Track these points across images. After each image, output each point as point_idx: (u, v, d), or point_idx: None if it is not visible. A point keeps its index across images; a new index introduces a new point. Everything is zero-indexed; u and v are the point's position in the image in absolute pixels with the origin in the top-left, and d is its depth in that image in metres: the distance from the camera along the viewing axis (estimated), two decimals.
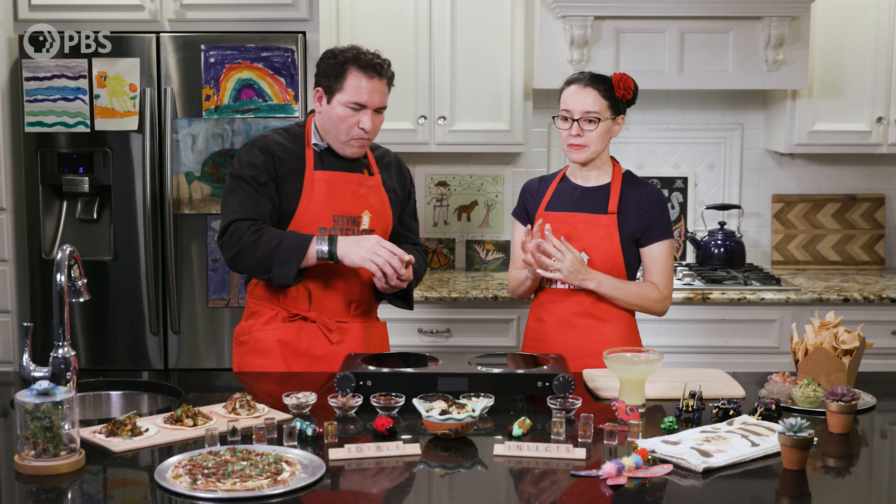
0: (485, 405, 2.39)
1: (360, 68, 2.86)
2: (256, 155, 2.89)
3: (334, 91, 2.88)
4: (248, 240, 2.80)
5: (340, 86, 2.87)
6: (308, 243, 2.79)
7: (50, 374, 2.30)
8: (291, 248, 2.78)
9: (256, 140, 2.94)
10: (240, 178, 2.88)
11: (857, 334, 2.62)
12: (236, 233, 2.82)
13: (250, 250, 2.80)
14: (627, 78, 2.97)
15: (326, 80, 2.89)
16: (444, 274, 4.53)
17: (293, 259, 2.78)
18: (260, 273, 2.84)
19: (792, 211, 4.67)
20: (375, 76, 2.88)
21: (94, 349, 4.07)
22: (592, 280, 2.93)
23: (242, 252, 2.81)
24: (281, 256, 2.78)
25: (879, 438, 2.45)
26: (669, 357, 3.30)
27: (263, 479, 1.98)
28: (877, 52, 4.27)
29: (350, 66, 2.87)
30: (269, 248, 2.79)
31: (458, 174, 4.64)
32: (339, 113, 2.88)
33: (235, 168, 2.90)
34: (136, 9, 4.06)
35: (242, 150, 2.93)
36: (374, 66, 2.88)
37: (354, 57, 2.88)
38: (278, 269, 2.79)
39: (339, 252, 2.78)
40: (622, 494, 2.00)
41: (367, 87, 2.87)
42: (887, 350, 4.04)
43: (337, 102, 2.87)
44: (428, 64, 4.23)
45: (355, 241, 2.79)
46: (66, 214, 4.09)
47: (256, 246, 2.79)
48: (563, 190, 3.08)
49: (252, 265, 2.83)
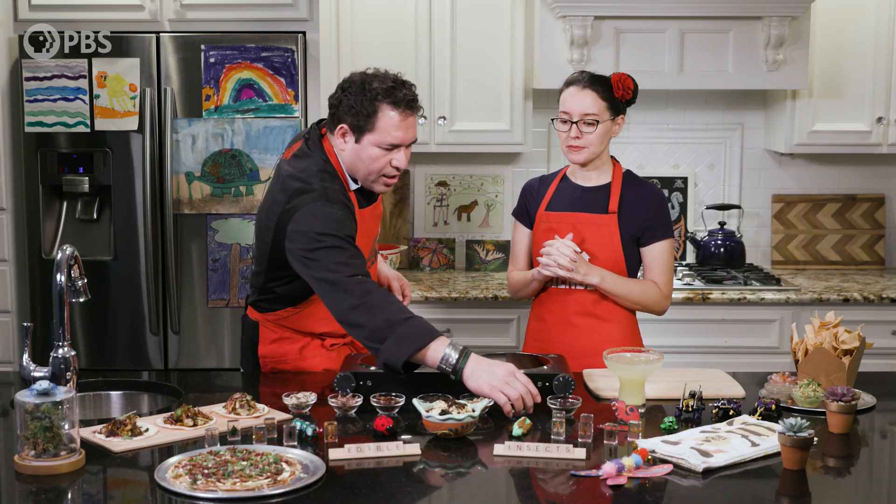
0: (485, 405, 2.39)
1: (394, 105, 2.63)
2: (339, 214, 2.61)
3: (364, 131, 2.64)
4: (377, 299, 2.50)
5: (372, 126, 2.63)
6: (434, 336, 2.47)
7: (50, 374, 2.31)
8: (418, 331, 2.47)
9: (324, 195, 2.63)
10: (335, 236, 2.57)
11: (857, 334, 2.62)
12: (364, 285, 2.52)
13: (375, 310, 2.49)
14: (626, 78, 2.96)
15: (354, 118, 2.64)
16: (444, 274, 4.53)
17: (414, 342, 2.45)
18: (370, 337, 2.50)
19: (792, 211, 4.67)
20: (410, 113, 2.66)
21: (94, 349, 4.07)
22: (596, 274, 2.93)
23: (367, 307, 2.49)
24: (403, 333, 2.46)
25: (879, 438, 2.46)
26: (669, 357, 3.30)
27: (263, 479, 1.98)
28: (877, 52, 4.27)
29: (381, 102, 2.62)
30: (395, 318, 2.48)
31: (458, 174, 4.64)
32: (371, 154, 2.66)
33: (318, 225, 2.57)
34: (136, 9, 4.06)
35: (317, 206, 2.61)
36: (409, 104, 2.65)
37: (386, 92, 2.62)
38: (392, 344, 2.46)
39: (467, 371, 2.44)
40: (622, 494, 2.00)
41: (401, 125, 2.64)
42: (887, 350, 4.04)
43: (368, 143, 2.65)
44: (428, 64, 4.23)
45: (487, 366, 2.45)
46: (66, 214, 4.09)
47: (383, 309, 2.49)
48: (563, 190, 3.08)
49: (369, 325, 2.49)
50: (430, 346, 2.46)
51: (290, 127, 3.95)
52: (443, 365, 2.46)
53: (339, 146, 2.72)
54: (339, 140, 2.70)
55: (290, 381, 2.74)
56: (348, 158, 2.71)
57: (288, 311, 2.84)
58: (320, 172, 2.69)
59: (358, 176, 2.74)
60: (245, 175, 3.99)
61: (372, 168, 2.69)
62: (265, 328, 2.89)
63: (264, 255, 2.78)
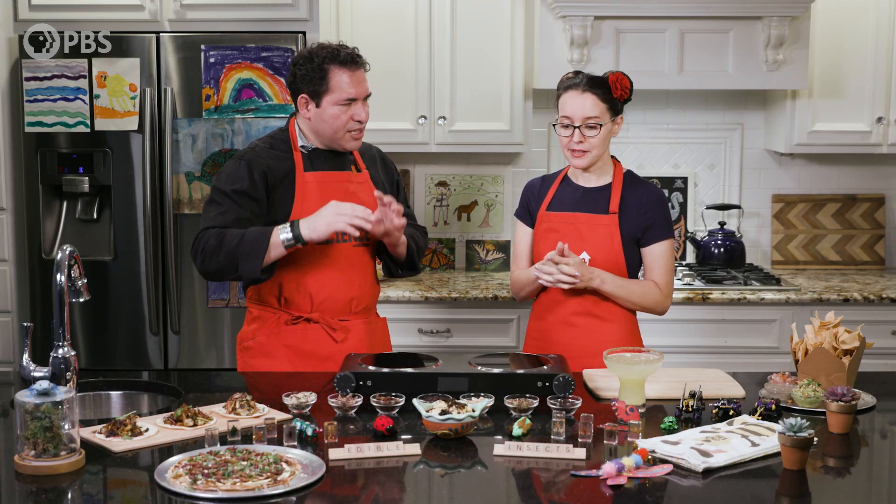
0: (485, 405, 2.39)
1: (341, 65, 2.88)
2: (242, 167, 2.90)
3: (321, 94, 2.89)
4: (210, 244, 2.81)
5: (326, 87, 2.88)
6: (270, 233, 2.79)
7: (50, 374, 2.31)
8: (253, 241, 2.78)
9: (244, 153, 2.95)
10: (220, 191, 2.89)
11: (857, 334, 2.62)
12: (202, 239, 2.84)
13: (215, 252, 2.80)
14: (623, 77, 2.96)
15: (310, 86, 2.90)
16: (444, 274, 4.53)
17: (257, 251, 2.77)
18: (228, 273, 2.83)
19: (792, 211, 4.67)
20: (356, 68, 2.91)
21: (94, 349, 4.07)
22: (597, 278, 2.93)
23: (207, 256, 2.82)
24: (244, 251, 2.78)
25: (879, 438, 2.46)
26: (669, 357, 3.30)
27: (263, 479, 1.98)
28: (877, 52, 4.27)
29: (329, 65, 2.88)
30: (231, 245, 2.79)
31: (458, 174, 4.64)
32: (332, 113, 2.90)
33: (220, 181, 2.91)
34: (136, 9, 4.06)
35: (229, 164, 2.94)
36: (353, 59, 2.90)
37: (331, 55, 2.89)
38: (244, 264, 2.79)
39: (305, 232, 2.78)
40: (622, 494, 2.00)
41: (352, 80, 2.89)
42: (887, 350, 4.04)
43: (327, 104, 2.89)
44: (428, 64, 4.23)
45: (315, 216, 2.78)
46: (66, 214, 4.09)
47: (220, 247, 2.80)
48: (564, 190, 3.08)
49: (219, 267, 2.82)
50: (271, 242, 2.78)
51: None
52: (287, 245, 2.78)
53: (304, 116, 2.95)
54: (304, 110, 2.94)
55: (290, 381, 2.74)
56: (313, 125, 2.94)
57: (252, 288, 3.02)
58: (268, 138, 3.01)
59: (325, 138, 2.95)
60: None
61: (336, 126, 2.91)
62: (248, 311, 3.06)
63: None
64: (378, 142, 4.30)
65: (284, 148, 2.97)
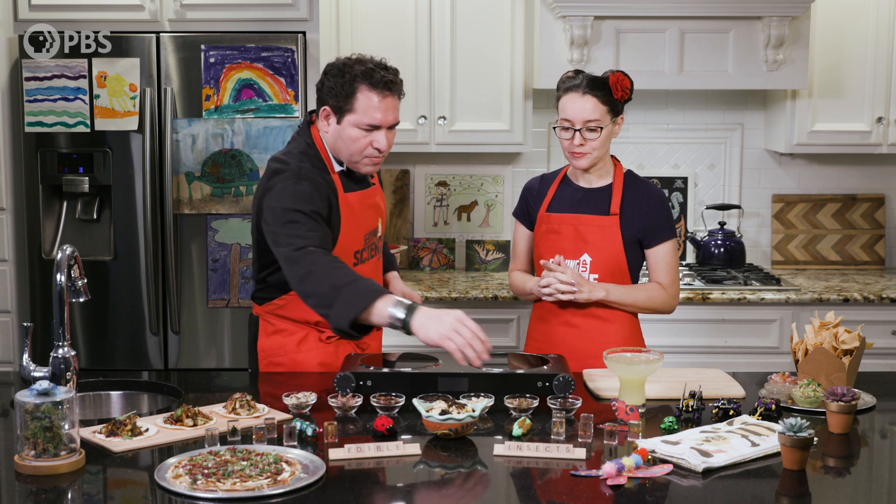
0: (485, 405, 2.39)
1: (372, 86, 2.68)
2: (308, 188, 2.68)
3: (344, 111, 2.70)
4: (325, 264, 2.56)
5: (351, 106, 2.69)
6: (379, 295, 2.50)
7: (50, 374, 2.31)
8: (360, 293, 2.51)
9: (298, 171, 2.71)
10: (299, 211, 2.64)
11: (857, 334, 2.62)
12: (313, 254, 2.58)
13: (322, 276, 2.54)
14: (623, 78, 2.95)
15: (335, 100, 2.71)
16: (444, 274, 4.53)
17: (356, 305, 2.49)
18: (319, 304, 2.56)
19: (792, 211, 4.67)
20: (388, 94, 2.71)
21: (94, 349, 4.07)
22: (600, 290, 2.93)
23: (313, 274, 2.55)
24: (347, 296, 2.50)
25: (879, 438, 2.46)
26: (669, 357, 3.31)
27: (263, 479, 1.98)
28: (877, 53, 4.27)
29: (360, 83, 2.68)
30: (341, 281, 2.52)
31: (458, 174, 4.64)
32: (351, 134, 2.71)
33: (292, 201, 2.65)
34: (136, 9, 4.06)
35: (288, 183, 2.67)
36: (386, 84, 2.70)
37: (364, 73, 2.68)
38: (339, 308, 2.50)
39: (415, 325, 2.46)
40: (622, 494, 2.00)
41: (379, 106, 2.69)
42: (887, 350, 4.04)
43: (348, 123, 2.71)
44: (428, 64, 4.23)
45: (436, 316, 2.47)
46: (66, 214, 4.09)
47: (330, 274, 2.54)
48: (564, 191, 3.08)
49: (317, 292, 2.55)
50: (376, 305, 2.49)
51: (289, 127, 3.95)
52: (392, 322, 2.49)
53: (322, 128, 2.79)
54: (323, 122, 2.77)
55: (290, 381, 2.74)
56: (331, 140, 2.78)
57: (282, 299, 2.86)
58: (301, 154, 2.77)
59: (342, 157, 2.80)
60: (245, 175, 3.99)
61: (353, 149, 2.74)
62: (264, 321, 2.91)
63: (254, 242, 2.86)
64: None
65: (322, 167, 2.77)
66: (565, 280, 2.91)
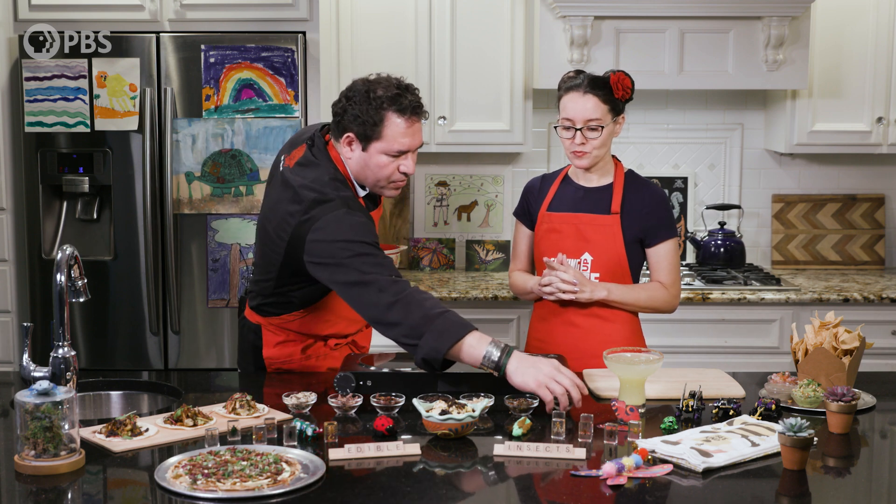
0: (485, 405, 2.39)
1: (400, 113, 2.60)
2: (361, 218, 2.60)
3: (371, 139, 2.61)
4: (413, 296, 2.50)
5: (379, 134, 2.60)
6: (470, 329, 2.48)
7: (50, 374, 2.30)
8: (451, 325, 2.47)
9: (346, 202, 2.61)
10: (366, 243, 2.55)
11: (857, 334, 2.62)
12: (399, 284, 2.52)
13: (411, 307, 2.48)
14: (624, 77, 2.95)
15: (360, 127, 2.61)
16: (444, 274, 4.53)
17: (450, 334, 2.45)
18: (408, 335, 2.49)
19: (792, 211, 4.67)
20: (417, 119, 2.64)
21: (94, 349, 4.07)
22: (602, 290, 2.93)
23: (403, 304, 2.49)
24: (437, 327, 2.46)
25: (879, 438, 2.45)
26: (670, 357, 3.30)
27: (263, 479, 1.98)
28: (877, 53, 4.27)
29: (388, 111, 2.59)
30: (431, 312, 2.48)
31: (458, 174, 4.64)
32: (379, 161, 2.64)
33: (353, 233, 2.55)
34: (136, 9, 4.06)
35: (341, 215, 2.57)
36: (415, 109, 2.62)
37: (391, 100, 2.59)
38: (430, 339, 2.45)
39: (510, 368, 2.44)
40: (622, 494, 2.00)
41: (408, 132, 2.62)
42: (887, 350, 4.04)
43: (375, 151, 2.62)
44: (428, 64, 4.23)
45: (532, 363, 2.44)
46: (66, 214, 4.09)
47: (420, 305, 2.48)
48: (565, 190, 3.08)
49: (405, 321, 2.48)
50: (467, 340, 2.46)
51: (290, 127, 3.95)
52: (485, 363, 2.46)
53: (345, 154, 2.68)
54: (346, 149, 2.67)
55: (291, 381, 2.74)
56: (356, 166, 2.68)
57: (295, 314, 2.82)
58: (333, 181, 2.65)
59: (367, 183, 2.72)
60: (245, 175, 3.99)
61: (380, 175, 2.67)
62: (268, 331, 2.88)
63: (274, 265, 2.72)
64: None
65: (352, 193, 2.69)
66: (567, 279, 2.91)
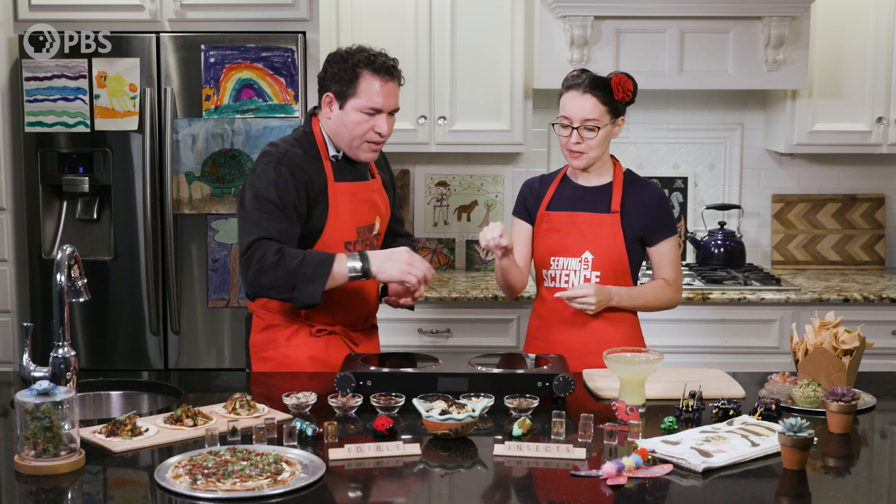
0: (485, 405, 2.39)
1: (374, 71, 2.78)
2: (285, 175, 2.75)
3: (347, 96, 2.79)
4: (270, 258, 2.66)
5: (354, 91, 2.78)
6: (332, 261, 2.68)
7: (50, 374, 2.31)
8: (316, 265, 2.66)
9: (281, 157, 2.79)
10: (266, 199, 2.73)
11: (857, 334, 2.62)
12: (259, 251, 2.67)
13: (273, 268, 2.66)
14: (626, 80, 2.95)
15: (338, 86, 2.80)
16: (444, 274, 4.53)
17: (319, 277, 2.66)
18: (282, 293, 2.69)
19: (792, 211, 4.67)
20: (390, 79, 2.81)
21: (94, 349, 4.07)
22: (613, 296, 2.94)
23: (263, 270, 2.66)
24: (305, 274, 2.65)
25: (879, 438, 2.46)
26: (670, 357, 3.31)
27: (263, 479, 1.98)
28: (877, 53, 4.27)
29: (363, 69, 2.78)
30: (292, 265, 2.65)
31: (458, 174, 4.64)
32: (353, 118, 2.79)
33: (261, 187, 2.74)
34: (136, 9, 4.06)
35: (267, 169, 2.76)
36: (388, 69, 2.80)
37: (367, 60, 2.79)
38: (304, 288, 2.65)
39: (374, 268, 2.68)
40: (622, 494, 2.00)
41: (382, 90, 2.79)
42: (887, 350, 4.04)
43: (351, 108, 2.79)
44: (428, 64, 4.23)
45: (388, 256, 2.70)
46: (66, 214, 4.09)
47: (279, 263, 2.65)
48: (564, 190, 3.08)
49: (274, 284, 2.67)
50: (333, 271, 2.67)
51: (289, 127, 3.95)
52: (352, 275, 2.69)
53: (325, 115, 2.86)
54: (326, 109, 2.85)
55: (291, 382, 2.74)
56: (333, 126, 2.85)
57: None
58: (294, 140, 2.87)
59: (342, 143, 2.86)
60: (245, 175, 3.98)
61: (355, 133, 2.81)
62: (257, 317, 2.94)
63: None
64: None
65: (315, 154, 2.85)
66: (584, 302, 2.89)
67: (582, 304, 2.90)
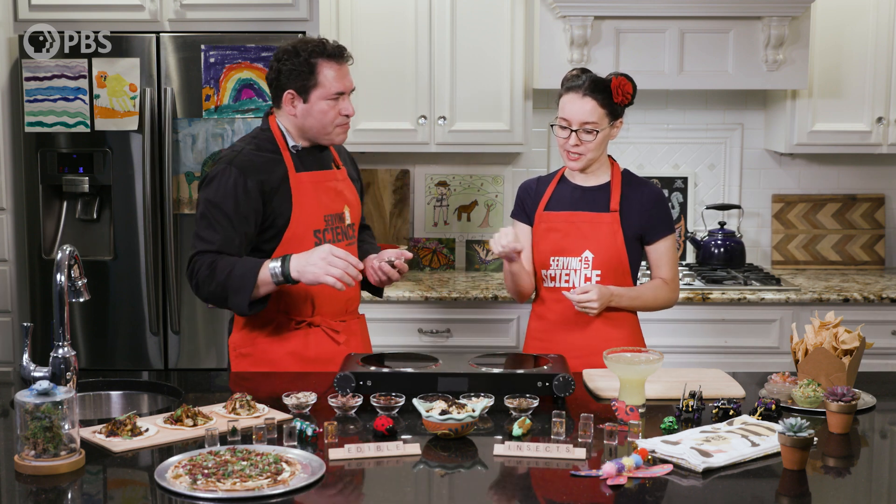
0: (485, 405, 2.39)
1: (329, 58, 2.84)
2: (233, 175, 2.80)
3: (309, 89, 2.84)
4: (203, 272, 2.76)
5: (314, 82, 2.84)
6: (258, 269, 2.72)
7: (50, 374, 2.31)
8: (242, 275, 2.73)
9: (232, 157, 2.84)
10: (213, 204, 2.79)
11: (857, 334, 2.62)
12: (195, 265, 2.79)
13: (206, 281, 2.76)
14: (626, 83, 2.95)
15: (297, 81, 2.84)
16: (444, 274, 4.53)
17: (245, 287, 2.72)
18: (220, 303, 2.80)
19: (792, 211, 4.67)
20: (343, 61, 2.88)
21: (94, 349, 4.07)
22: (614, 296, 2.94)
23: (201, 283, 2.78)
24: (233, 285, 2.73)
25: (879, 438, 2.46)
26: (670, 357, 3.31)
27: (263, 479, 1.98)
28: (877, 53, 4.27)
29: (317, 59, 2.84)
30: (221, 277, 2.74)
31: (458, 174, 4.64)
32: (320, 108, 2.85)
33: (210, 192, 2.80)
34: (136, 9, 4.06)
35: (217, 171, 2.82)
36: (340, 52, 2.87)
37: (319, 49, 2.84)
38: (233, 299, 2.74)
39: (293, 272, 2.70)
40: (622, 494, 2.00)
41: (339, 74, 2.86)
42: (887, 350, 4.04)
43: (316, 98, 2.84)
44: (428, 64, 4.23)
45: (306, 258, 2.70)
46: (66, 214, 4.09)
47: (211, 276, 2.75)
48: (562, 190, 3.08)
49: (211, 297, 2.79)
50: (260, 279, 2.72)
51: None
52: (278, 281, 2.73)
53: (287, 112, 2.89)
54: (288, 107, 2.88)
55: (291, 382, 2.74)
56: (301, 121, 2.88)
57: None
58: (249, 138, 2.93)
59: (314, 134, 2.90)
60: None
61: (325, 121, 2.87)
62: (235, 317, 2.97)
63: None
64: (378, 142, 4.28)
65: (271, 148, 2.89)
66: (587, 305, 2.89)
67: (584, 308, 2.90)
